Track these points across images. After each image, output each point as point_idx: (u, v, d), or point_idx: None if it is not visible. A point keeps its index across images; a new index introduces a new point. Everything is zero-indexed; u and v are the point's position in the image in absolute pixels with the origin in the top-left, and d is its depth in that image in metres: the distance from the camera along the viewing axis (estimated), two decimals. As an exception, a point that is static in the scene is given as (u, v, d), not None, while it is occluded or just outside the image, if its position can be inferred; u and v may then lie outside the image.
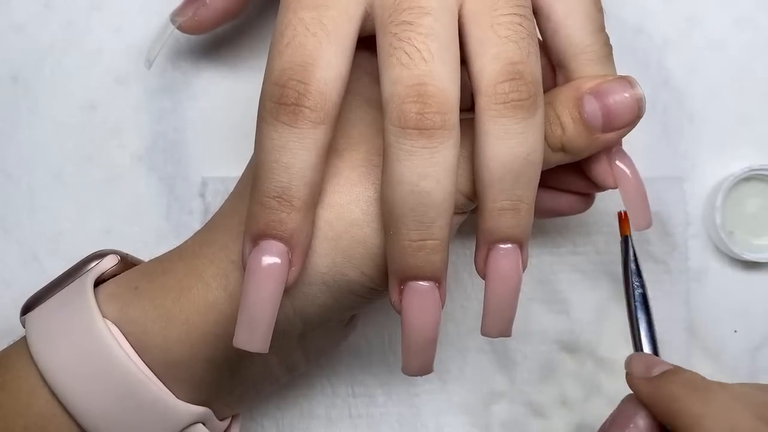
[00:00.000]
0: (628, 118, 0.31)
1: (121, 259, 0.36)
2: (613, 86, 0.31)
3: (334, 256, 0.31)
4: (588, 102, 0.31)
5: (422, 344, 0.30)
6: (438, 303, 0.30)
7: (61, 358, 0.32)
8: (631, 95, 0.31)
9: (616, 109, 0.31)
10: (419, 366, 0.31)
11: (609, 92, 0.31)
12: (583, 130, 0.31)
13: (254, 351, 0.29)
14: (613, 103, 0.31)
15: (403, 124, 0.28)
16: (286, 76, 0.28)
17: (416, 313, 0.30)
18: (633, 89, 0.31)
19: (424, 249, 0.29)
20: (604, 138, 0.31)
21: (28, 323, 0.34)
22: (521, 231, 0.30)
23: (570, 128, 0.31)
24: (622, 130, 0.32)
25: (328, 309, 0.32)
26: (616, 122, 0.31)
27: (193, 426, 0.33)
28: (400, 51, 0.28)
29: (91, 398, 0.32)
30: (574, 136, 0.31)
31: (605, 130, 0.31)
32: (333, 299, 0.31)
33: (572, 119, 0.31)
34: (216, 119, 0.43)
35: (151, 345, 0.32)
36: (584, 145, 0.31)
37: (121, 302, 0.33)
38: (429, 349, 0.30)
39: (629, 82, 0.31)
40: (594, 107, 0.31)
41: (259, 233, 0.29)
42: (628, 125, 0.32)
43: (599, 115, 0.31)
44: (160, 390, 0.32)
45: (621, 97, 0.31)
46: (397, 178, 0.28)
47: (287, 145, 0.29)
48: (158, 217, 0.42)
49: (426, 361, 0.31)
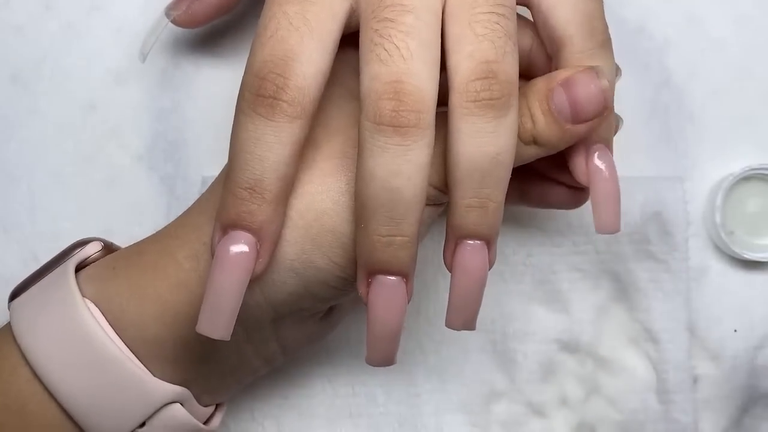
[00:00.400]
0: (594, 109, 0.31)
1: (104, 246, 0.37)
2: (580, 77, 0.31)
3: (303, 244, 0.31)
4: (557, 94, 0.31)
5: (386, 336, 0.31)
6: (404, 297, 0.30)
7: (41, 337, 0.33)
8: (597, 87, 0.31)
9: (582, 100, 0.31)
10: (382, 357, 0.31)
11: (575, 84, 0.31)
12: (552, 122, 0.31)
13: (216, 338, 0.30)
14: (580, 95, 0.31)
15: (378, 120, 0.28)
16: (266, 69, 0.29)
17: (382, 306, 0.30)
18: (598, 80, 0.31)
19: (392, 244, 0.29)
20: (574, 130, 0.31)
21: (12, 307, 0.35)
22: (488, 228, 0.30)
23: (540, 121, 0.31)
24: (592, 122, 0.31)
25: (299, 297, 0.32)
26: (583, 114, 0.31)
27: (170, 405, 0.34)
28: (380, 47, 0.28)
29: (69, 376, 0.32)
30: (544, 129, 0.31)
31: (574, 121, 0.31)
32: (303, 287, 0.32)
33: (542, 112, 0.31)
34: (216, 119, 0.43)
35: (128, 322, 0.33)
36: (555, 138, 0.31)
37: (100, 282, 0.34)
38: (392, 342, 0.31)
39: (595, 73, 0.31)
40: (562, 99, 0.31)
41: (229, 223, 0.30)
42: (595, 116, 0.31)
43: (567, 107, 0.31)
44: (136, 367, 0.33)
45: (587, 89, 0.31)
46: (370, 174, 0.29)
47: (263, 137, 0.29)
48: (158, 217, 0.42)
49: (389, 353, 0.31)
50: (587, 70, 0.31)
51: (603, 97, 0.31)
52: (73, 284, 0.34)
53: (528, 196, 0.38)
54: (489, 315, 0.42)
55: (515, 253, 0.42)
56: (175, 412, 0.34)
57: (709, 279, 0.43)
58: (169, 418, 0.34)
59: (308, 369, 0.42)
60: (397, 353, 0.32)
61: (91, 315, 0.33)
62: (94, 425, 0.33)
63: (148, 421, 0.34)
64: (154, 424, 0.34)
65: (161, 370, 0.34)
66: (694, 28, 0.43)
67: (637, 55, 0.43)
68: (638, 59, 0.43)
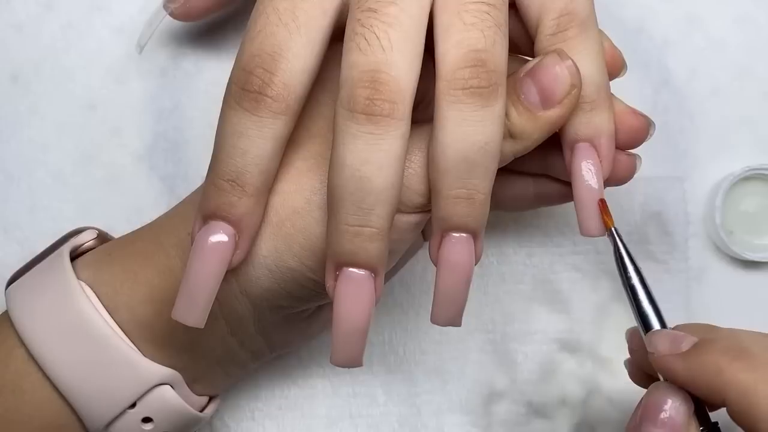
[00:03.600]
0: (561, 89, 0.31)
1: (99, 234, 0.38)
2: (543, 62, 0.31)
3: (276, 242, 0.31)
4: (524, 83, 0.31)
5: (351, 334, 0.30)
6: (371, 293, 0.30)
7: (36, 317, 0.34)
8: (560, 67, 0.31)
9: (548, 83, 0.31)
10: (347, 357, 0.30)
11: (540, 69, 0.31)
12: (523, 111, 0.31)
13: (191, 325, 0.30)
14: (545, 78, 0.31)
15: (352, 107, 0.28)
16: (253, 63, 0.29)
17: (348, 301, 0.30)
18: (562, 61, 0.31)
19: (360, 235, 0.29)
20: (546, 116, 0.31)
21: (9, 292, 0.35)
22: (475, 221, 0.30)
23: (513, 113, 0.31)
24: (564, 104, 0.31)
25: (275, 294, 0.32)
26: (551, 96, 0.31)
27: (160, 386, 0.34)
28: (360, 37, 0.28)
29: (62, 354, 0.33)
30: (517, 120, 0.31)
31: (545, 106, 0.31)
32: (277, 284, 0.32)
33: (512, 103, 0.31)
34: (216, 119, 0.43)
35: (120, 304, 0.34)
36: (530, 128, 0.31)
37: (95, 267, 0.35)
38: (358, 340, 0.30)
39: (557, 54, 0.31)
40: (529, 87, 0.31)
41: (210, 213, 0.30)
42: (564, 97, 0.31)
43: (535, 92, 0.31)
44: (127, 346, 0.34)
45: (552, 71, 0.30)
46: (341, 161, 0.29)
47: (246, 131, 0.29)
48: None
49: (354, 353, 0.30)
50: (549, 54, 0.31)
51: (568, 75, 0.31)
52: (68, 266, 0.34)
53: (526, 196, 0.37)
54: (489, 315, 0.42)
55: (515, 253, 0.43)
56: (165, 393, 0.34)
57: (709, 279, 0.43)
58: (160, 399, 0.34)
59: (308, 369, 0.42)
60: (363, 354, 0.31)
61: (85, 295, 0.34)
62: (85, 404, 0.34)
63: (138, 402, 0.34)
64: (145, 405, 0.34)
65: (152, 353, 0.34)
66: (694, 28, 0.43)
67: (637, 55, 0.43)
68: (638, 59, 0.43)
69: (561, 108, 0.31)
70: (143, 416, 0.34)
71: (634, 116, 0.33)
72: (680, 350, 0.31)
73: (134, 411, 0.34)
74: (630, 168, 0.34)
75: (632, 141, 0.33)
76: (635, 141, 0.34)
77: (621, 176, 0.34)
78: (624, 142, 0.33)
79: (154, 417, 0.34)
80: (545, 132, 0.31)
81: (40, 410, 0.34)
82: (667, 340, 0.31)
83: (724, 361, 0.29)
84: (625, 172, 0.34)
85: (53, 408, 0.34)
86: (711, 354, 0.30)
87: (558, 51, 0.31)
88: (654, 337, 0.32)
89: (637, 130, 0.33)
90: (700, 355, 0.30)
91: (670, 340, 0.31)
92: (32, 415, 0.34)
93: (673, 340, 0.31)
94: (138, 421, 0.34)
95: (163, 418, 0.35)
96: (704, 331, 0.32)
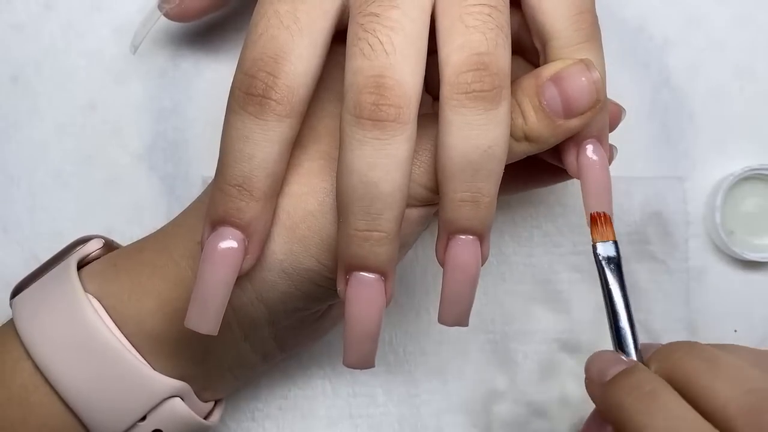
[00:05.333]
0: (586, 102, 0.31)
1: (105, 243, 0.37)
2: (571, 71, 0.31)
3: (291, 245, 0.31)
4: (548, 89, 0.31)
5: (363, 336, 0.30)
6: (382, 296, 0.30)
7: (44, 331, 0.33)
8: (588, 79, 0.30)
9: (574, 94, 0.31)
10: (359, 359, 0.31)
11: (566, 78, 0.31)
12: (544, 118, 0.31)
13: (204, 332, 0.30)
14: (571, 89, 0.30)
15: (358, 113, 0.28)
16: (256, 67, 0.29)
17: (359, 304, 0.30)
18: (589, 73, 0.30)
19: (369, 239, 0.29)
20: (566, 125, 0.31)
21: (15, 303, 0.35)
22: (480, 223, 0.30)
23: (531, 117, 0.31)
24: (585, 116, 0.31)
25: (291, 297, 0.32)
26: (576, 108, 0.31)
27: (170, 399, 0.34)
28: (364, 42, 0.28)
29: (71, 368, 0.33)
30: (536, 125, 0.31)
31: (567, 116, 0.31)
32: (294, 287, 0.32)
33: (533, 108, 0.31)
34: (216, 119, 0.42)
35: (128, 317, 0.33)
36: (547, 134, 0.31)
37: (102, 278, 0.34)
38: (370, 342, 0.30)
39: (585, 65, 0.31)
40: (553, 94, 0.31)
41: (218, 219, 0.30)
42: (587, 110, 0.31)
43: (559, 102, 0.31)
44: (137, 360, 0.33)
45: (579, 82, 0.30)
46: (348, 167, 0.29)
47: (251, 135, 0.29)
48: (158, 217, 0.42)
49: (366, 355, 0.31)
50: (577, 63, 0.31)
51: (595, 89, 0.31)
52: (75, 279, 0.34)
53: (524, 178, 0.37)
54: (489, 315, 0.42)
55: (515, 253, 0.43)
56: (176, 406, 0.34)
57: (709, 279, 0.43)
58: (170, 412, 0.34)
59: (308, 369, 0.42)
60: (375, 355, 0.31)
61: (93, 309, 0.33)
62: (94, 418, 0.33)
63: (148, 415, 0.34)
64: (155, 418, 0.34)
65: (161, 365, 0.34)
66: (694, 28, 0.43)
67: (637, 55, 0.43)
68: (638, 59, 0.43)
69: (582, 119, 0.31)
70: (153, 429, 0.34)
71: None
72: (604, 379, 0.30)
73: (144, 424, 0.34)
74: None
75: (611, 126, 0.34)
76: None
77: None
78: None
79: (164, 429, 0.34)
80: (561, 138, 0.31)
81: (48, 423, 0.34)
82: (599, 364, 0.31)
83: (627, 400, 0.29)
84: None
85: (61, 421, 0.34)
86: (618, 389, 0.29)
87: (586, 62, 0.31)
88: (592, 359, 0.32)
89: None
90: (610, 387, 0.30)
91: (601, 364, 0.31)
92: (39, 428, 0.34)
93: (604, 364, 0.31)
94: None
95: (173, 429, 0.34)
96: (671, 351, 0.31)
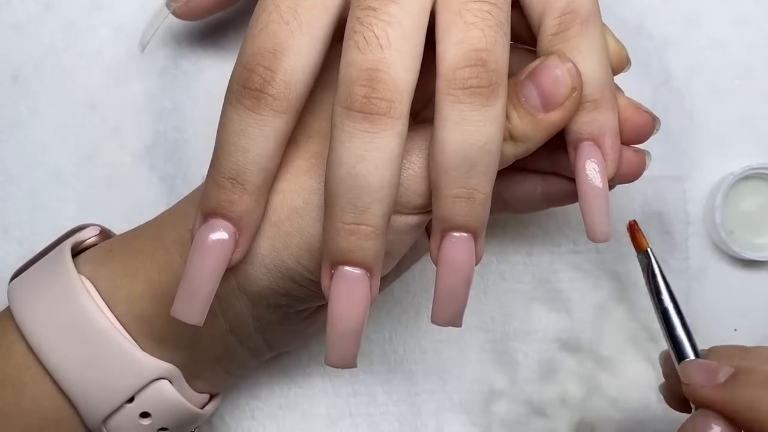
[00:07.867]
0: (563, 92, 0.30)
1: (101, 231, 0.38)
2: (544, 65, 0.31)
3: (274, 241, 0.32)
4: (525, 86, 0.31)
5: (346, 334, 0.30)
6: (367, 293, 0.30)
7: (36, 311, 0.34)
8: (561, 70, 0.30)
9: (549, 86, 0.30)
10: (341, 358, 0.30)
11: (539, 72, 0.31)
12: (525, 115, 0.31)
13: (190, 323, 0.30)
14: (546, 81, 0.30)
15: (349, 105, 0.28)
16: (254, 61, 0.29)
17: (343, 300, 0.29)
18: (563, 64, 0.30)
19: (356, 233, 0.29)
20: (548, 119, 0.31)
21: (11, 287, 0.36)
22: (475, 220, 0.30)
23: (514, 116, 0.31)
24: (565, 107, 0.31)
25: (273, 293, 0.32)
26: (553, 99, 0.31)
27: (158, 381, 0.34)
28: (359, 35, 0.28)
29: (61, 347, 0.33)
30: (519, 123, 0.31)
31: (546, 109, 0.31)
32: (275, 284, 0.32)
33: (513, 106, 0.31)
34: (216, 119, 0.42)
35: (119, 299, 0.34)
36: (531, 130, 0.31)
37: (97, 262, 0.35)
38: (352, 341, 0.30)
39: (558, 57, 0.31)
40: (530, 89, 0.31)
41: (210, 211, 0.30)
42: (565, 99, 0.31)
43: (536, 96, 0.31)
44: (126, 340, 0.34)
45: (552, 74, 0.30)
46: (337, 159, 0.29)
47: (247, 129, 0.29)
48: (158, 216, 0.42)
49: (348, 353, 0.30)
50: (549, 56, 0.31)
51: (568, 78, 0.30)
52: (69, 261, 0.35)
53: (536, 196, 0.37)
54: (489, 315, 0.42)
55: (515, 253, 0.43)
56: (164, 388, 0.34)
57: (709, 279, 0.43)
58: (158, 394, 0.34)
59: (309, 368, 0.42)
60: (357, 355, 0.30)
61: (85, 289, 0.34)
62: (83, 398, 0.34)
63: (136, 396, 0.34)
64: (143, 399, 0.34)
65: (150, 347, 0.34)
66: (694, 28, 0.43)
67: (637, 55, 0.43)
68: (638, 59, 0.43)
69: (562, 111, 0.31)
70: (141, 411, 0.34)
71: (638, 113, 0.33)
72: (716, 382, 0.30)
73: (132, 405, 0.34)
74: (639, 165, 0.33)
75: (636, 137, 0.33)
76: (639, 137, 0.33)
77: (629, 173, 0.33)
78: (628, 139, 0.33)
79: (152, 412, 0.34)
80: (546, 134, 0.31)
81: (39, 404, 0.34)
82: (702, 371, 0.31)
83: (761, 393, 0.29)
84: (633, 169, 0.33)
85: (52, 402, 0.34)
86: (747, 388, 0.29)
87: (558, 53, 0.31)
88: (687, 367, 0.31)
89: (641, 126, 0.33)
90: (736, 388, 0.30)
91: (705, 371, 0.31)
92: (31, 410, 0.34)
93: (708, 371, 0.31)
94: (136, 415, 0.34)
95: (161, 413, 0.35)
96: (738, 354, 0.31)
